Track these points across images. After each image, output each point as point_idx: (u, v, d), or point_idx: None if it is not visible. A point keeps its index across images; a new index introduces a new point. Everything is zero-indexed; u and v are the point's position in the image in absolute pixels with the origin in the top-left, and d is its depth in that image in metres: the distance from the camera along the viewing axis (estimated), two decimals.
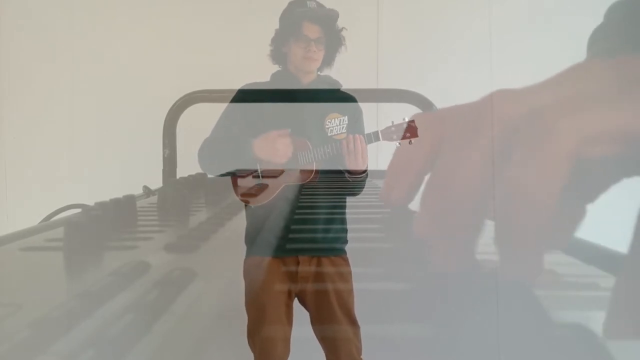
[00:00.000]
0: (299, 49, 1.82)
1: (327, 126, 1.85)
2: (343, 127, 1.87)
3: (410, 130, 1.77)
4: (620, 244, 2.32)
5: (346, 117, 1.87)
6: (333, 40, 1.86)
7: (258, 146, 1.79)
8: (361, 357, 1.82)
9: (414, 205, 2.38)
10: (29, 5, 2.91)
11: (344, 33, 1.86)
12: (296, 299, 1.86)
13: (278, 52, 1.89)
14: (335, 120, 1.86)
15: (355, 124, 1.89)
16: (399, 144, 1.79)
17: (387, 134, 1.78)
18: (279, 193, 1.81)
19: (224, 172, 1.85)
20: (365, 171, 1.80)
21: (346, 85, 1.95)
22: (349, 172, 1.78)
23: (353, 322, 1.83)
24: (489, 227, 2.23)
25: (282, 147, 1.78)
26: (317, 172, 1.81)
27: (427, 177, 2.15)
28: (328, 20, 1.83)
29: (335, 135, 1.85)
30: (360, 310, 1.86)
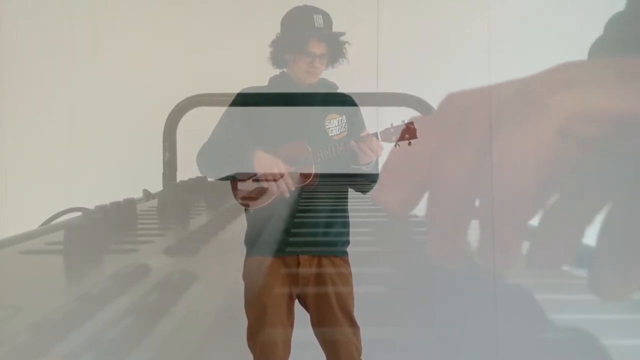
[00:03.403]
0: (303, 63, 1.83)
1: (327, 126, 1.86)
2: (342, 127, 1.88)
3: (409, 132, 1.77)
4: None
5: (344, 116, 1.88)
6: (335, 55, 1.87)
7: (259, 160, 1.80)
8: (361, 357, 1.83)
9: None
10: (29, 6, 2.91)
11: (346, 47, 1.88)
12: (297, 300, 1.87)
13: (279, 57, 1.90)
14: (334, 120, 1.87)
15: (355, 120, 1.90)
16: (398, 145, 1.80)
17: (386, 136, 1.79)
18: (277, 196, 1.82)
19: (223, 175, 1.86)
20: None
21: (346, 89, 1.96)
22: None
23: (353, 324, 1.83)
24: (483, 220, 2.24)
25: (279, 171, 1.80)
26: (316, 175, 1.81)
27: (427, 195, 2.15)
28: (334, 39, 1.85)
29: (335, 135, 1.86)
30: (359, 313, 1.86)
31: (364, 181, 1.86)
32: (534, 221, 2.00)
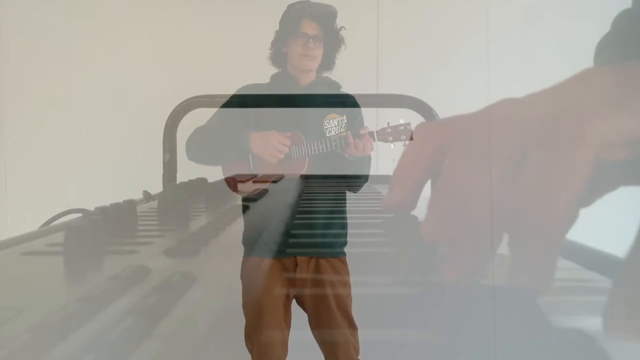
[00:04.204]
0: (298, 46, 1.83)
1: (325, 127, 1.87)
2: (342, 127, 1.88)
3: (406, 133, 1.80)
4: (622, 249, 2.32)
5: (345, 116, 1.89)
6: (332, 39, 1.87)
7: (254, 139, 1.81)
8: (358, 358, 1.83)
9: (416, 211, 2.38)
10: (28, 10, 2.92)
11: (343, 33, 1.88)
12: (294, 301, 1.87)
13: (278, 53, 1.90)
14: (333, 120, 1.88)
15: (355, 121, 1.91)
16: (394, 145, 1.82)
17: (383, 135, 1.82)
18: (272, 188, 1.83)
19: (211, 161, 1.88)
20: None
21: (346, 90, 1.96)
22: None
23: (351, 324, 1.83)
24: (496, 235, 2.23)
25: (277, 145, 1.80)
26: (308, 165, 1.83)
27: (433, 183, 2.14)
28: (327, 17, 1.84)
29: (333, 136, 1.87)
30: (358, 315, 1.86)
31: (357, 182, 1.88)
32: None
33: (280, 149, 1.81)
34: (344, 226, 1.90)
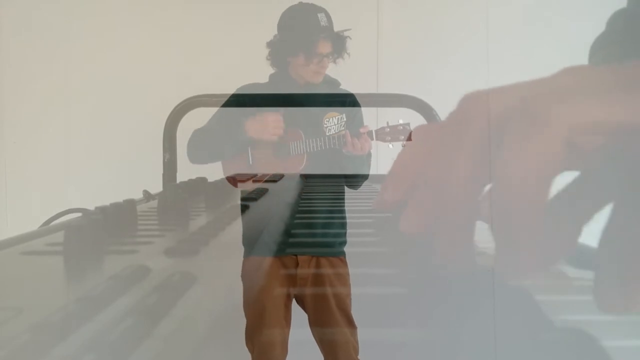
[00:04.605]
0: (312, 64, 1.84)
1: (325, 125, 1.87)
2: (342, 125, 1.89)
3: (404, 133, 1.80)
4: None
5: (344, 114, 1.89)
6: (339, 51, 1.89)
7: (250, 124, 1.82)
8: (358, 357, 1.83)
9: None
10: (28, 10, 2.92)
11: (347, 42, 1.89)
12: (294, 300, 1.87)
13: (281, 58, 1.90)
14: (333, 119, 1.88)
15: (354, 119, 1.91)
16: (392, 145, 1.82)
17: (381, 135, 1.82)
18: (272, 188, 1.84)
19: (211, 158, 1.89)
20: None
21: (346, 90, 1.96)
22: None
23: (351, 324, 1.84)
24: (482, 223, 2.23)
25: (273, 123, 1.81)
26: (307, 162, 1.84)
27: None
28: (341, 39, 1.86)
29: (333, 134, 1.87)
30: (357, 314, 1.86)
31: (356, 179, 1.89)
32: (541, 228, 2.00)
33: (277, 125, 1.82)
34: (343, 225, 1.91)
